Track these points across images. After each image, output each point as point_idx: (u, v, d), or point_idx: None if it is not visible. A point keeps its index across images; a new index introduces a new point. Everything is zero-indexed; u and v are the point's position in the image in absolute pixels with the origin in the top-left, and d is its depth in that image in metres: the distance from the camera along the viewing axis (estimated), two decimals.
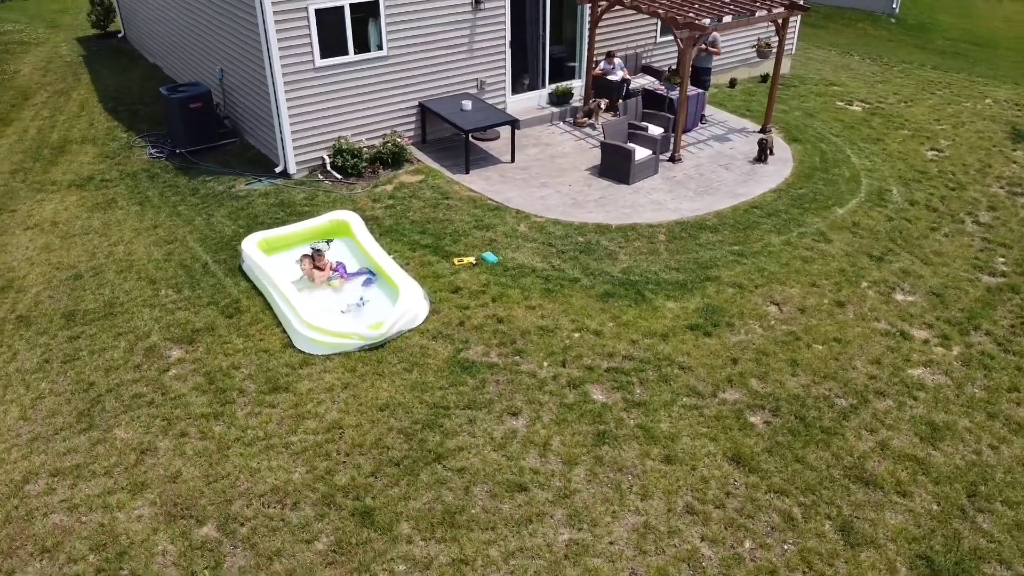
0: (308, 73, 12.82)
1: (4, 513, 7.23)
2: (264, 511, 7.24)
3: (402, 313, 9.46)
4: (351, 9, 12.78)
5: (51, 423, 8.26)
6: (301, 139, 13.21)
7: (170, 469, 7.67)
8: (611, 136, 13.35)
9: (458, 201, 12.62)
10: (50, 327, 9.76)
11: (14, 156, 14.72)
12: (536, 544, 7.01)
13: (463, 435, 8.12)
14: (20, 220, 12.39)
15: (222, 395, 8.58)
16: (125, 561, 6.76)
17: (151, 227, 12.01)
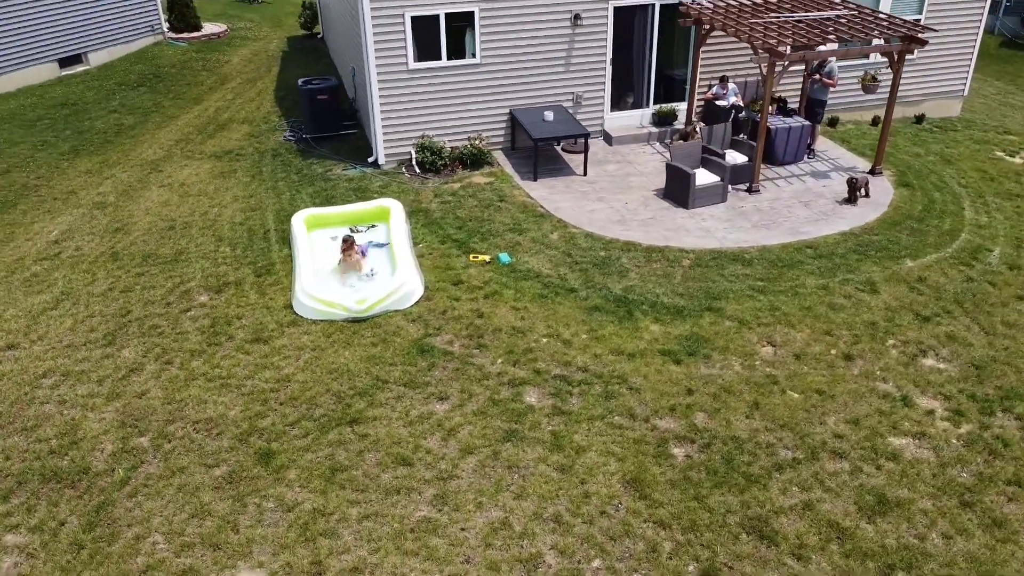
0: (401, 74, 14.01)
1: (18, 395, 9.01)
2: (192, 435, 8.35)
3: (388, 293, 10.23)
4: (447, 18, 13.80)
5: (86, 336, 10.05)
6: (391, 134, 14.45)
7: (143, 387, 9.07)
8: (678, 159, 13.10)
9: (510, 205, 13.12)
10: (128, 264, 11.74)
11: (187, 128, 17.51)
12: (393, 513, 7.43)
13: (385, 408, 8.70)
14: (159, 180, 14.82)
15: (214, 338, 9.89)
16: (72, 449, 8.19)
17: (247, 196, 13.84)
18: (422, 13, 13.63)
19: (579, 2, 14.27)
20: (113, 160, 15.88)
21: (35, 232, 13.00)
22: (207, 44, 24.05)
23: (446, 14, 13.75)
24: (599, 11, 14.45)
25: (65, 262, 11.89)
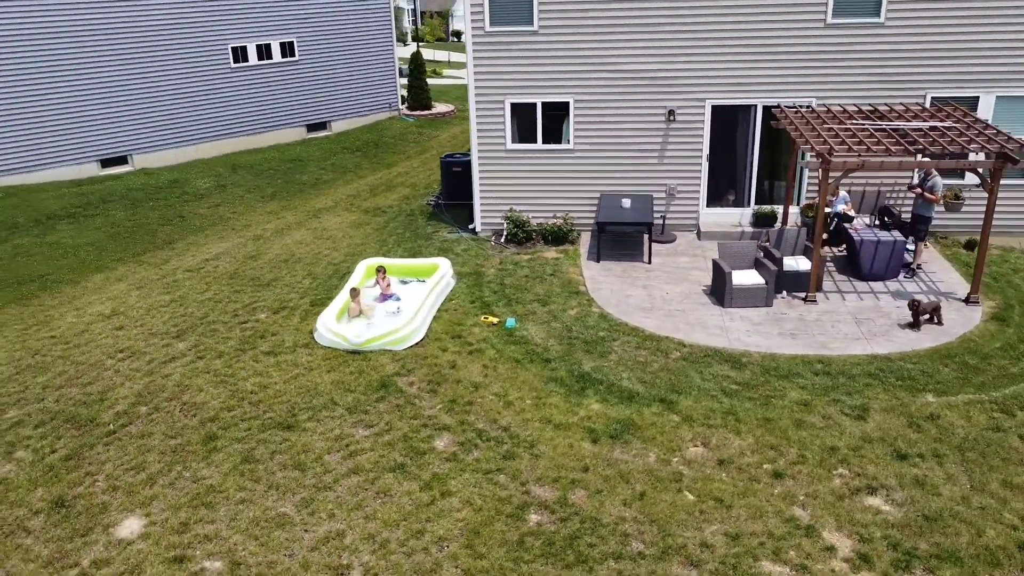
0: (500, 153, 15.52)
1: (96, 359, 11.79)
2: (175, 412, 10.35)
3: (385, 334, 11.60)
4: (543, 106, 15.10)
5: (167, 328, 12.73)
6: (487, 205, 15.94)
7: (170, 371, 11.35)
8: (725, 256, 12.87)
9: (556, 279, 13.83)
10: (236, 283, 14.47)
11: (363, 187, 20.62)
12: (262, 504, 8.65)
13: (318, 423, 10.00)
14: (311, 224, 17.78)
15: (244, 345, 11.99)
16: (96, 404, 10.62)
17: (359, 244, 16.14)
18: (521, 101, 15.12)
19: (674, 98, 14.78)
20: (292, 205, 19.33)
21: (201, 249, 16.45)
22: (431, 121, 27.75)
23: (543, 103, 15.08)
24: (695, 109, 14.79)
25: (199, 274, 14.99)
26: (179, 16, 22.34)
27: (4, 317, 13.53)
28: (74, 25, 20.74)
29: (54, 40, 20.51)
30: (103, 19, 21.12)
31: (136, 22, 21.64)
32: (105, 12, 21.09)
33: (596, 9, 14.41)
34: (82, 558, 8.05)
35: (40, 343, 12.49)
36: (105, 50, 21.35)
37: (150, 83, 22.35)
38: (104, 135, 21.94)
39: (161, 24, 22.06)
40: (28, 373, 11.56)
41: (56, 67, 20.72)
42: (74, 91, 21.16)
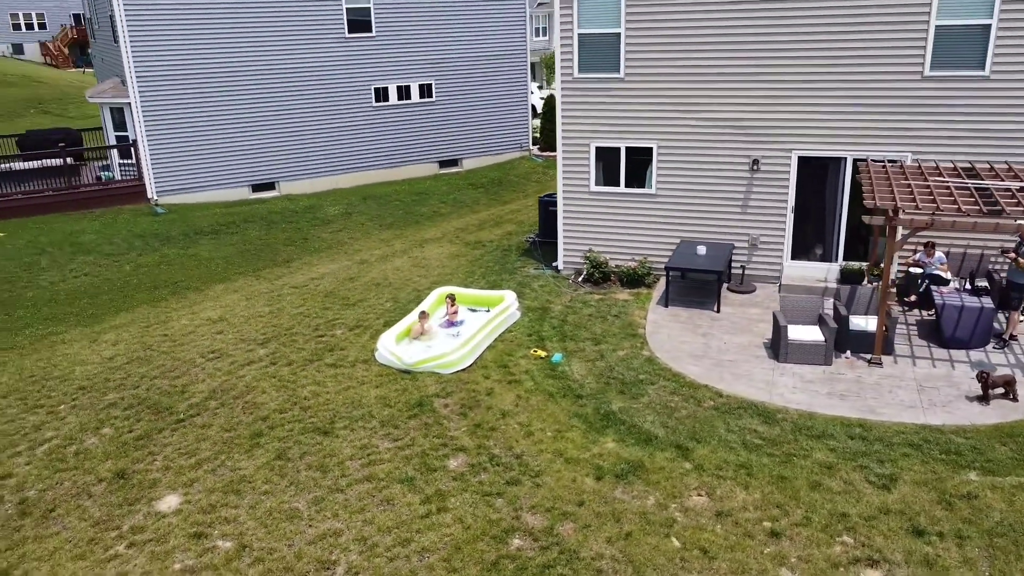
0: (584, 195, 15.93)
1: (190, 357, 13.33)
2: (236, 410, 11.56)
3: (434, 358, 12.31)
4: (627, 151, 15.37)
5: (256, 336, 14.14)
6: (570, 244, 16.36)
7: (244, 373, 12.63)
8: (786, 309, 12.47)
9: (619, 320, 13.96)
10: (328, 301, 15.78)
11: (473, 221, 21.65)
12: (281, 496, 9.52)
13: (351, 432, 10.80)
14: (413, 253, 18.95)
15: (314, 357, 13.11)
16: (176, 395, 12.05)
17: (449, 273, 17.05)
18: (606, 145, 15.49)
19: (759, 148, 14.59)
20: (404, 235, 20.67)
21: (312, 269, 18.03)
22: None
23: (627, 147, 15.37)
24: (780, 159, 14.52)
25: (301, 291, 16.47)
26: (330, 61, 24.67)
27: (135, 315, 15.57)
28: (237, 67, 23.48)
29: (222, 81, 23.32)
30: (263, 62, 23.75)
31: (291, 66, 24.15)
32: (264, 57, 23.72)
33: (681, 57, 14.61)
34: (124, 523, 9.25)
35: (153, 339, 14.30)
36: (264, 90, 23.97)
37: (300, 119, 24.77)
38: (257, 163, 24.53)
39: (313, 68, 24.47)
40: (135, 364, 13.29)
41: (221, 104, 23.51)
42: (234, 125, 23.88)
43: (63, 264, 18.55)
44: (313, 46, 24.34)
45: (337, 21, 24.47)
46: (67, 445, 10.87)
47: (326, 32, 24.41)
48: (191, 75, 22.93)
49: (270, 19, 23.51)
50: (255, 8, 23.22)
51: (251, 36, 23.40)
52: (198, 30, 22.69)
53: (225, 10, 22.88)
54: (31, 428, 11.34)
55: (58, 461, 10.50)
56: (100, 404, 11.93)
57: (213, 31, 22.89)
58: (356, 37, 24.88)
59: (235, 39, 23.22)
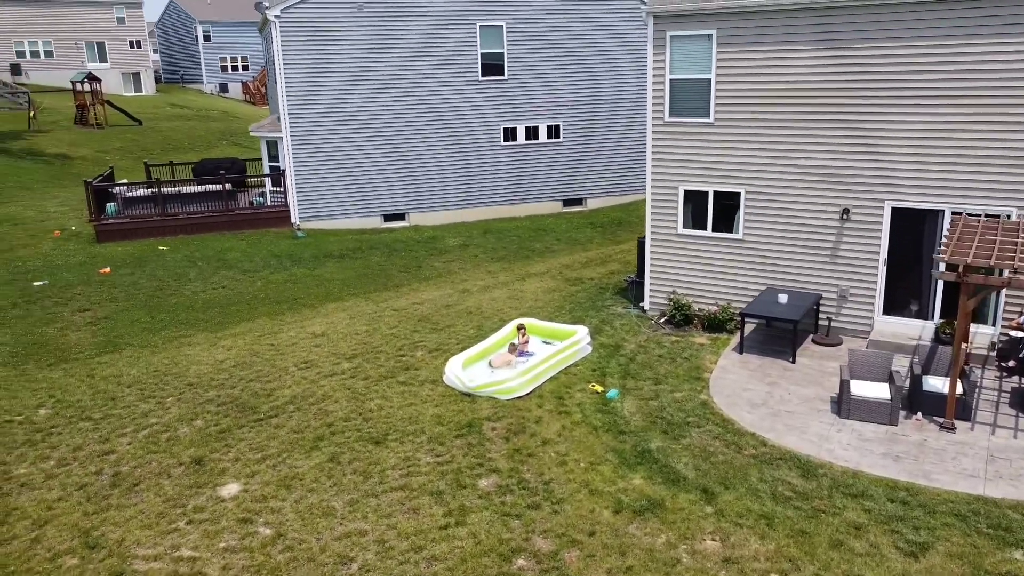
0: (671, 237, 16.00)
1: (283, 366, 14.70)
2: (308, 415, 12.66)
3: (493, 383, 12.89)
4: (715, 195, 15.33)
5: (346, 351, 15.34)
6: (656, 285, 16.43)
7: (324, 383, 13.76)
8: (853, 363, 11.93)
9: (687, 363, 13.88)
10: (419, 324, 16.79)
11: (580, 259, 22.09)
12: (323, 494, 10.41)
13: (400, 444, 11.55)
14: (513, 286, 19.67)
15: (388, 375, 14.07)
16: (262, 398, 13.37)
17: (539, 307, 17.60)
18: (694, 188, 15.54)
19: (850, 197, 14.12)
20: (511, 268, 21.48)
21: (416, 294, 19.20)
22: None
23: (715, 192, 15.34)
24: (873, 209, 13.97)
25: (399, 313, 17.63)
26: (463, 102, 26.22)
27: (253, 325, 17.34)
28: (377, 107, 25.52)
29: (362, 119, 25.44)
30: (400, 103, 25.66)
31: (426, 106, 25.91)
32: (402, 98, 25.62)
33: (771, 103, 14.49)
34: (189, 503, 10.49)
35: (261, 347, 15.88)
36: (400, 128, 25.86)
37: (432, 155, 26.45)
38: (389, 195, 26.40)
39: (447, 108, 26.10)
40: (239, 367, 14.86)
41: (360, 140, 25.62)
42: (371, 160, 25.91)
43: (207, 277, 20.91)
44: (448, 89, 26.00)
45: (472, 65, 26.03)
46: (163, 432, 12.41)
47: (461, 76, 26.02)
48: (335, 114, 25.18)
49: (410, 64, 25.44)
50: (396, 55, 25.22)
51: (391, 80, 25.39)
52: (343, 74, 24.96)
53: (368, 56, 25.02)
54: (140, 414, 13.03)
55: (152, 444, 12.03)
56: (200, 399, 13.48)
57: (357, 75, 25.08)
58: (489, 80, 26.31)
59: (376, 82, 25.30)
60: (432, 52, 25.56)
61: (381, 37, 24.97)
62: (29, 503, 10.59)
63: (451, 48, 25.72)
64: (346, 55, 24.82)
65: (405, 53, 25.32)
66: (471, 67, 26.06)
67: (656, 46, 15.23)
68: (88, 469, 11.37)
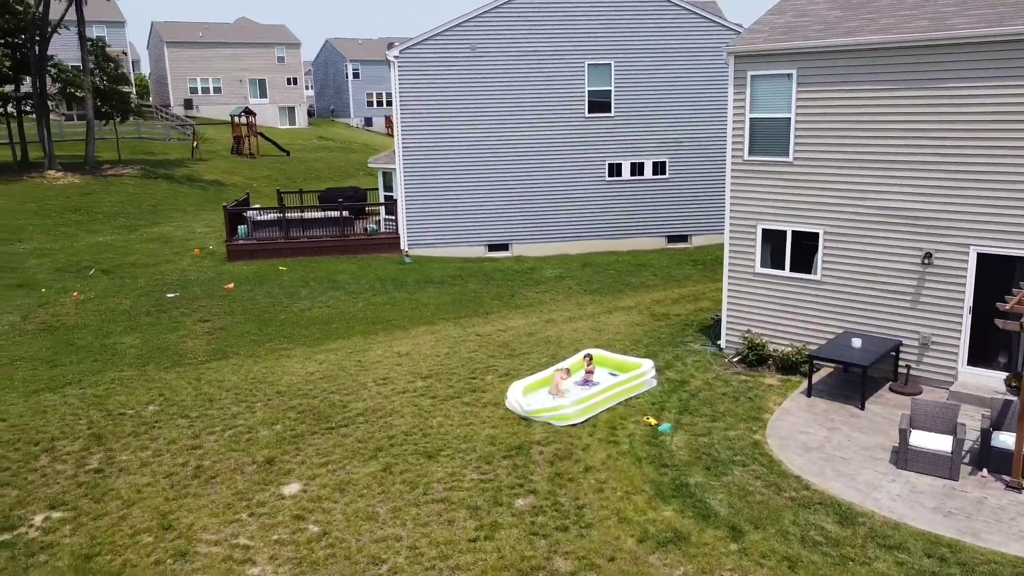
0: (748, 275, 15.85)
1: (362, 382, 15.69)
2: (371, 426, 13.52)
3: (548, 409, 13.29)
4: (793, 235, 15.09)
5: (424, 370, 16.17)
6: (732, 323, 16.27)
7: (393, 399, 14.60)
8: (916, 412, 11.39)
9: (749, 403, 13.69)
10: (499, 349, 17.42)
11: (672, 295, 22.06)
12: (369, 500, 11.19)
13: (451, 460, 12.16)
14: (599, 318, 19.95)
15: (457, 396, 14.75)
16: (336, 409, 14.36)
17: (618, 339, 17.79)
18: (772, 227, 15.37)
19: (933, 241, 13.55)
20: (601, 301, 21.77)
21: (502, 322, 19.87)
22: None
23: (793, 231, 15.11)
24: (957, 254, 13.34)
25: (482, 338, 18.35)
26: (569, 138, 26.94)
27: (347, 343, 18.57)
28: (484, 142, 26.67)
29: (470, 153, 26.66)
30: (507, 138, 26.70)
31: (532, 141, 26.81)
32: (508, 133, 26.66)
33: (852, 143, 14.19)
34: (254, 497, 11.53)
35: (349, 363, 17.03)
36: (505, 162, 26.88)
37: (536, 189, 27.27)
38: (493, 226, 27.40)
39: (553, 144, 26.90)
40: (324, 380, 16.02)
41: (468, 173, 26.83)
42: (477, 192, 27.04)
43: (316, 296, 22.54)
44: (555, 125, 26.81)
45: (579, 102, 26.74)
46: (246, 432, 13.63)
47: (568, 112, 26.78)
48: (445, 147, 26.55)
49: (518, 101, 26.48)
50: (505, 92, 26.34)
51: (499, 115, 26.51)
52: (454, 110, 26.32)
53: (479, 93, 26.28)
54: (230, 416, 14.36)
55: (234, 443, 13.25)
56: (283, 406, 14.67)
57: (467, 111, 26.37)
58: (595, 117, 26.91)
59: (485, 118, 26.49)
60: (540, 90, 26.49)
61: (491, 75, 26.19)
62: (123, 486, 12.00)
63: (559, 86, 26.55)
64: (457, 92, 26.19)
65: (514, 90, 26.40)
66: (578, 104, 26.77)
67: (737, 85, 15.31)
68: (176, 460, 12.71)
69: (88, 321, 20.30)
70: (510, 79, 26.34)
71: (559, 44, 26.25)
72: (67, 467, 12.57)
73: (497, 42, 26.04)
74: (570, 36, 26.25)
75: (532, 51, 26.22)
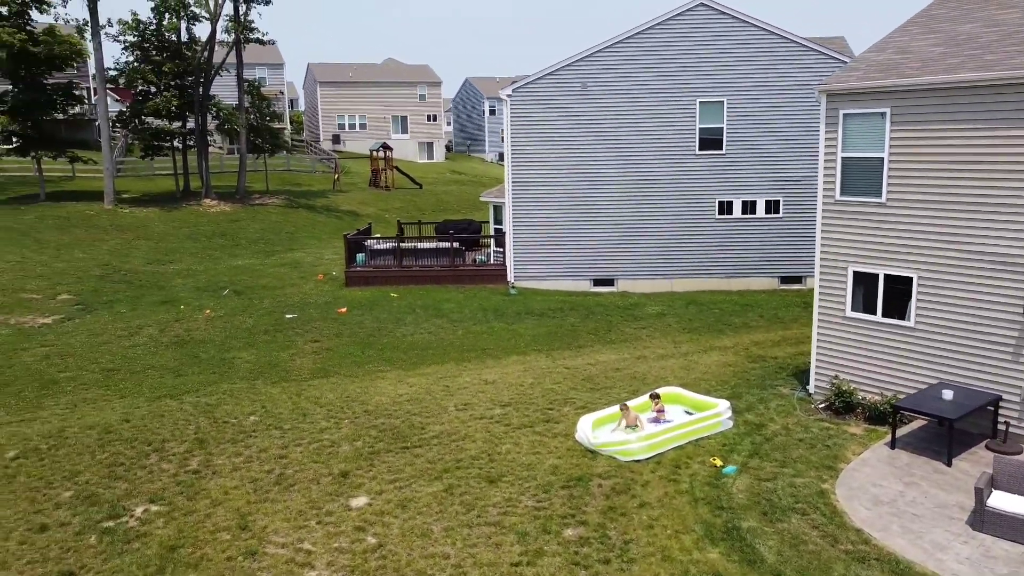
0: (838, 319, 15.26)
1: (442, 406, 16.30)
2: (443, 449, 14.04)
3: (616, 443, 13.39)
4: (885, 279, 14.43)
5: (503, 399, 16.57)
6: (821, 368, 15.68)
7: (468, 423, 15.08)
8: (999, 471, 10.58)
9: (824, 452, 13.17)
10: (580, 382, 17.57)
11: (776, 338, 21.40)
12: (428, 518, 11.67)
13: (511, 486, 12.44)
14: (692, 357, 19.69)
15: (532, 423, 15.04)
16: (414, 430, 15.02)
17: (705, 379, 17.53)
18: (864, 270, 14.77)
19: None
20: (697, 340, 21.46)
21: (593, 356, 20.00)
22: None
23: (885, 275, 14.46)
24: None
25: (570, 371, 18.59)
26: (678, 175, 26.83)
27: (440, 369, 19.32)
28: (591, 177, 27.02)
29: (577, 188, 27.09)
30: (614, 174, 26.94)
31: (640, 178, 26.90)
32: (616, 169, 26.89)
33: (947, 184, 13.50)
34: (324, 507, 12.32)
35: (437, 388, 17.73)
36: (612, 198, 27.10)
37: (643, 225, 27.27)
38: (599, 261, 27.61)
39: (661, 180, 26.88)
40: (410, 403, 16.77)
41: (574, 208, 27.24)
42: (583, 227, 27.37)
43: (420, 322, 23.56)
44: (664, 161, 26.82)
45: (689, 139, 26.64)
46: (329, 446, 14.54)
47: (678, 149, 26.72)
48: (553, 182, 27.14)
49: (627, 138, 26.72)
50: (615, 129, 26.67)
51: (608, 152, 26.84)
52: (563, 146, 26.91)
53: (588, 130, 26.75)
54: (318, 430, 15.34)
55: (316, 455, 14.17)
56: (367, 424, 15.52)
57: (576, 147, 26.89)
58: (706, 154, 26.69)
59: (594, 154, 26.89)
60: (650, 126, 26.63)
61: (601, 113, 26.61)
62: (214, 487, 13.13)
63: (669, 123, 26.58)
64: (567, 129, 26.78)
65: (623, 127, 26.67)
66: (688, 141, 26.67)
67: (828, 124, 14.94)
68: (263, 467, 13.75)
69: (214, 336, 22.23)
70: (619, 116, 26.65)
71: (670, 82, 26.33)
72: (171, 466, 13.90)
73: (607, 80, 26.46)
74: (681, 74, 26.29)
75: (642, 89, 26.44)
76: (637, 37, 26.23)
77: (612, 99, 26.57)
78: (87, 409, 16.82)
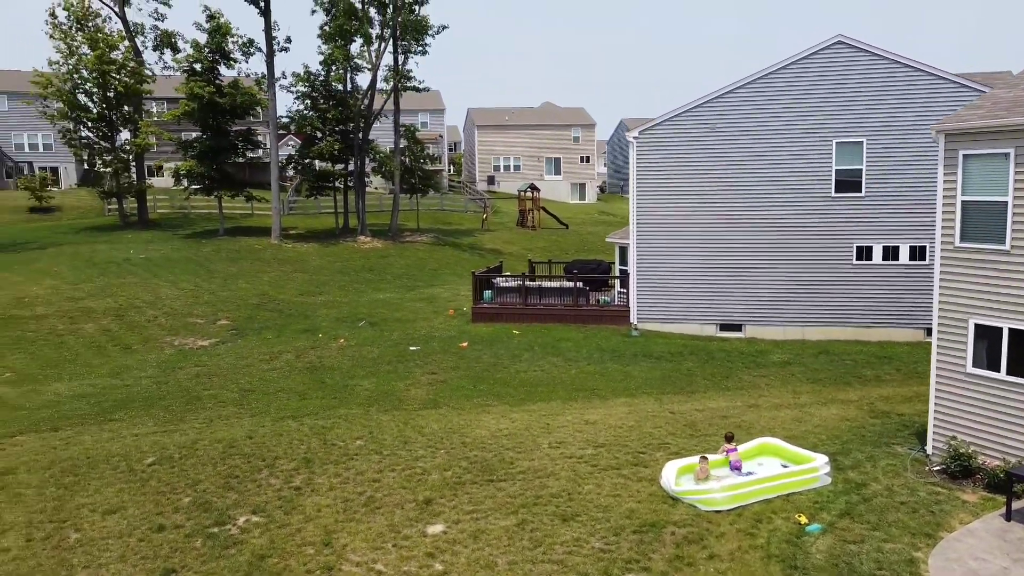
0: (958, 375, 14.04)
1: (541, 442, 16.48)
2: (525, 485, 14.20)
3: (696, 492, 13.05)
4: (1010, 333, 13.15)
5: (599, 440, 16.50)
6: (939, 428, 14.43)
7: (567, 465, 15.14)
8: None
9: (929, 518, 12.16)
10: (681, 427, 17.16)
11: (908, 393, 19.86)
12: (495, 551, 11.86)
13: (582, 525, 12.44)
14: (807, 408, 18.69)
15: (620, 466, 14.88)
16: (497, 465, 15.28)
17: (819, 431, 16.58)
18: (986, 323, 13.55)
19: None
20: (820, 391, 20.37)
21: (702, 402, 19.46)
22: None
23: (1010, 328, 13.19)
24: None
25: (673, 416, 18.24)
26: (812, 218, 25.70)
27: (545, 406, 19.54)
28: (719, 220, 26.41)
29: (704, 231, 26.57)
30: (743, 217, 26.19)
31: (771, 221, 26.00)
32: (746, 212, 26.14)
33: None
34: (402, 531, 12.86)
35: (537, 424, 17.95)
36: (741, 241, 26.33)
37: (774, 270, 26.26)
38: (726, 306, 26.81)
39: (793, 224, 25.84)
40: (507, 437, 17.08)
41: (701, 251, 26.69)
42: (710, 270, 26.73)
43: (535, 360, 23.91)
44: (796, 204, 25.79)
45: (825, 181, 25.49)
46: (420, 474, 15.12)
47: (812, 191, 25.63)
48: (680, 224, 26.80)
49: (758, 180, 25.98)
50: (744, 171, 26.03)
51: (737, 194, 26.22)
52: (690, 188, 26.57)
53: (716, 172, 26.28)
54: (414, 458, 15.99)
55: (406, 481, 14.79)
56: (461, 456, 15.99)
57: (703, 189, 26.46)
58: (843, 196, 25.41)
59: (722, 196, 26.35)
60: (782, 168, 25.76)
61: (730, 154, 26.09)
62: (310, 504, 14.04)
63: (803, 164, 25.59)
64: (694, 171, 26.45)
65: (754, 169, 25.98)
66: (824, 183, 25.52)
67: (947, 165, 13.97)
68: (356, 489, 14.54)
69: (342, 364, 23.71)
70: (750, 157, 26.00)
71: (804, 122, 25.41)
72: (278, 481, 15.01)
73: (737, 121, 25.95)
74: (816, 113, 25.30)
75: (773, 129, 25.69)
76: (769, 77, 25.59)
77: (741, 140, 26.01)
78: (220, 424, 18.49)
